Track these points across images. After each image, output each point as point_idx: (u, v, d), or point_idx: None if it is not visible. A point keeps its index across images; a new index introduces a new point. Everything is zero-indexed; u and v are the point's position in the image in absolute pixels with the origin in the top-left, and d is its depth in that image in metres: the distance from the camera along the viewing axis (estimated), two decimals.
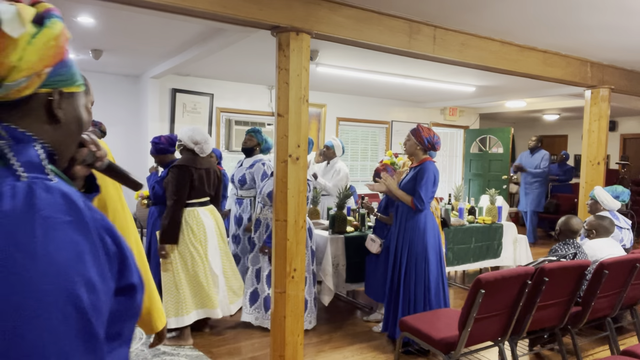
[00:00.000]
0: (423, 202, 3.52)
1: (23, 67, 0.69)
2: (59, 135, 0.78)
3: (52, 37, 0.72)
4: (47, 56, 0.72)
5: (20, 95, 0.71)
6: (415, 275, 3.57)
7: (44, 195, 0.65)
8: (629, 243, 4.21)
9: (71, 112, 0.80)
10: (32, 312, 0.58)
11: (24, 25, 0.69)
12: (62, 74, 0.76)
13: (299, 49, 3.05)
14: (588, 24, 3.71)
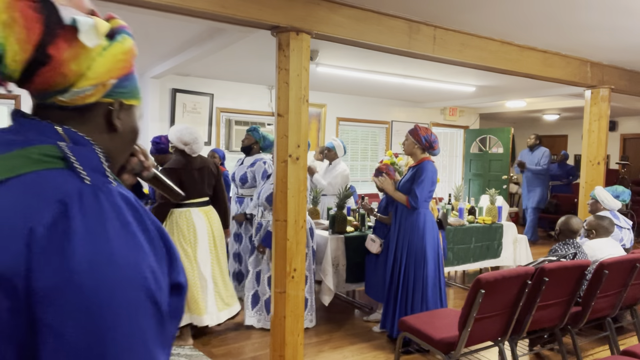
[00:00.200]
0: (417, 200, 3.54)
1: (91, 76, 0.73)
2: (115, 144, 0.81)
3: (121, 51, 0.78)
4: (115, 68, 0.76)
5: (84, 102, 0.75)
6: (414, 274, 3.58)
7: (108, 198, 0.67)
8: (629, 243, 4.21)
9: (128, 122, 0.83)
10: (119, 308, 0.62)
11: (99, 38, 0.74)
12: (125, 87, 0.80)
13: (299, 49, 3.05)
14: (588, 24, 3.71)
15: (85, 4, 0.75)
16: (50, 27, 0.68)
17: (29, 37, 0.67)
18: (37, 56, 0.69)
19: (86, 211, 0.64)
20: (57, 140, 0.71)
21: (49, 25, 0.68)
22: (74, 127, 0.75)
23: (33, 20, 0.67)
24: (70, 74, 0.71)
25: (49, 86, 0.72)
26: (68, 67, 0.71)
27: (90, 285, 0.61)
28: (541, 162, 7.95)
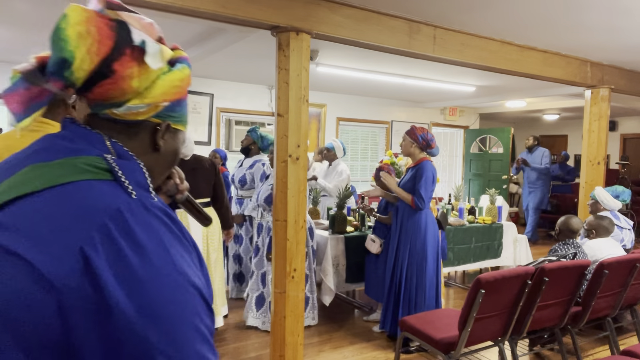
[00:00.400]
0: (424, 201, 3.54)
1: (147, 95, 0.78)
2: (155, 163, 0.85)
3: (179, 78, 0.82)
4: (169, 93, 0.81)
5: (135, 118, 0.79)
6: (415, 274, 3.58)
7: (155, 212, 0.71)
8: (629, 243, 4.21)
9: (171, 145, 0.88)
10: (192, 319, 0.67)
11: (162, 62, 0.80)
12: (175, 111, 0.85)
13: (299, 49, 3.05)
14: (588, 24, 3.71)
15: (156, 31, 0.82)
16: (120, 45, 0.74)
17: (99, 50, 0.72)
18: (102, 69, 0.73)
19: (140, 223, 0.67)
20: (103, 153, 0.74)
21: (119, 43, 0.74)
22: (121, 140, 0.79)
23: (106, 36, 0.73)
24: (129, 90, 0.76)
25: (106, 98, 0.76)
26: (128, 84, 0.76)
27: (157, 294, 0.64)
28: (542, 162, 7.94)
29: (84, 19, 0.72)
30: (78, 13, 0.72)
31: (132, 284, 0.62)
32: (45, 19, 3.99)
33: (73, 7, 0.72)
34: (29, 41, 4.71)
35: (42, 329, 0.60)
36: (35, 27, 4.21)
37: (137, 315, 0.61)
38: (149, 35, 0.79)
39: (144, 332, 0.62)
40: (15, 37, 4.57)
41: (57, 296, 0.60)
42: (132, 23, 0.77)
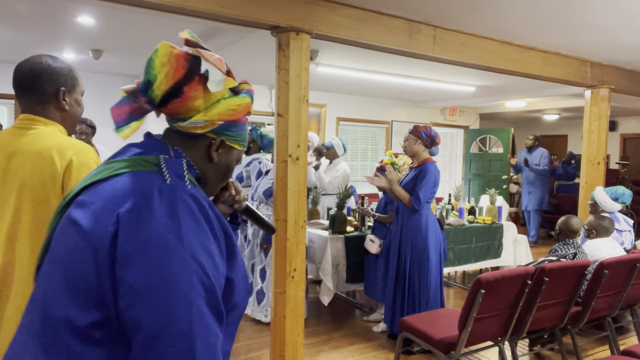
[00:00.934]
0: (420, 202, 3.54)
1: (207, 113, 0.97)
2: (210, 172, 1.05)
3: (236, 104, 1.00)
4: (225, 114, 0.99)
5: (195, 131, 0.98)
6: (418, 274, 3.58)
7: (181, 194, 0.87)
8: (629, 245, 4.20)
9: (224, 159, 1.06)
10: (179, 277, 0.80)
11: (222, 88, 0.98)
12: (230, 131, 1.03)
13: (299, 49, 3.05)
14: (588, 24, 3.71)
15: (224, 65, 1.00)
16: (190, 73, 0.95)
17: (173, 76, 0.94)
18: (174, 90, 0.94)
19: (163, 200, 0.84)
20: (161, 154, 0.96)
21: (191, 71, 0.95)
22: (182, 148, 1.00)
23: (181, 65, 0.94)
24: (192, 108, 0.96)
25: (175, 113, 0.97)
26: (193, 103, 0.96)
27: (159, 252, 0.80)
28: (541, 163, 7.85)
29: (167, 52, 0.94)
30: (164, 48, 0.94)
31: (137, 243, 0.80)
32: (45, 19, 3.99)
33: (162, 43, 0.95)
34: (29, 41, 4.71)
35: (86, 278, 0.81)
36: (35, 27, 4.22)
37: (143, 268, 0.79)
38: (216, 68, 0.98)
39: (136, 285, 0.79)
40: (15, 37, 4.57)
41: (95, 252, 0.81)
42: (204, 57, 0.97)
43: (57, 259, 0.87)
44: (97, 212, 0.84)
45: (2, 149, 1.43)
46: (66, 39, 4.61)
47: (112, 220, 0.82)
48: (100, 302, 0.80)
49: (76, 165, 1.40)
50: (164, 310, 0.78)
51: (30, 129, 1.46)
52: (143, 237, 0.81)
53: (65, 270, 0.84)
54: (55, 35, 4.49)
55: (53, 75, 1.48)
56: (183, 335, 0.78)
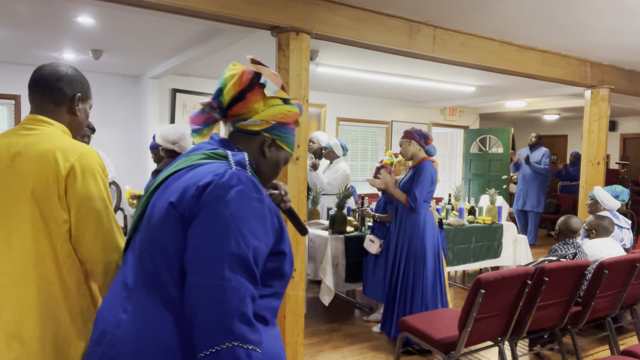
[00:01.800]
0: (416, 201, 3.55)
1: (262, 114, 1.25)
2: (262, 165, 1.29)
3: (286, 110, 1.28)
4: (277, 116, 1.27)
5: (252, 129, 1.26)
6: (413, 274, 3.58)
7: (243, 178, 1.11)
8: (629, 243, 4.21)
9: (275, 157, 1.31)
10: (224, 234, 1.05)
11: (274, 95, 1.26)
12: (281, 132, 1.29)
13: (298, 49, 3.05)
14: (588, 24, 3.71)
15: (279, 80, 1.28)
16: (252, 83, 1.24)
17: (239, 84, 1.24)
18: (239, 95, 1.24)
19: (229, 182, 1.09)
20: (227, 149, 1.24)
21: (253, 82, 1.25)
22: (242, 145, 1.27)
23: (245, 77, 1.24)
24: (252, 109, 1.25)
25: (238, 114, 1.26)
26: (252, 105, 1.25)
27: (214, 215, 1.06)
28: (542, 162, 7.65)
29: (235, 69, 1.25)
30: (234, 65, 1.27)
31: (201, 205, 1.07)
32: (45, 19, 3.99)
33: (233, 63, 1.27)
34: (29, 41, 4.71)
35: (177, 241, 1.08)
36: (35, 27, 4.22)
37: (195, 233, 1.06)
38: (271, 81, 1.27)
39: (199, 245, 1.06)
40: (15, 37, 4.57)
41: (182, 219, 1.08)
42: (263, 72, 1.25)
43: (153, 226, 1.12)
44: (182, 189, 1.10)
45: (7, 148, 1.44)
46: (66, 39, 4.61)
47: (192, 193, 1.08)
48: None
49: (80, 168, 1.41)
50: (205, 257, 1.03)
51: (35, 129, 1.47)
52: (207, 201, 1.06)
53: (161, 238, 1.10)
54: (55, 35, 4.49)
55: (73, 80, 1.55)
56: (216, 276, 1.01)
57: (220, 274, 1.01)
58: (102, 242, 1.41)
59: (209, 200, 1.06)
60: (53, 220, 1.40)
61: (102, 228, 1.42)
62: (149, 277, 1.10)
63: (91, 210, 1.41)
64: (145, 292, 1.10)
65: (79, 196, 1.40)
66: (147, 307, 1.08)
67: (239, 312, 0.99)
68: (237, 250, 1.03)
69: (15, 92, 5.89)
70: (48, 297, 1.40)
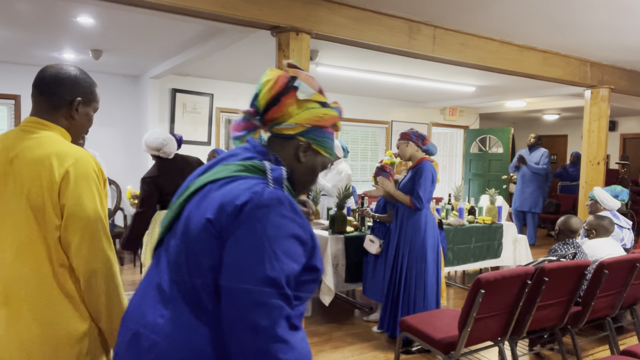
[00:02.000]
0: (421, 201, 3.55)
1: (296, 118, 1.21)
2: (297, 171, 1.25)
3: (322, 113, 1.24)
4: (312, 120, 1.22)
5: (287, 132, 1.22)
6: (415, 274, 3.58)
7: (282, 198, 1.09)
8: (629, 243, 4.21)
9: (310, 161, 1.27)
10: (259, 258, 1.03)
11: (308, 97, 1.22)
12: (316, 135, 1.24)
13: (298, 49, 3.05)
14: (588, 24, 3.71)
15: (315, 83, 1.25)
16: (287, 87, 1.22)
17: (274, 89, 1.23)
18: (274, 99, 1.22)
19: (266, 201, 1.07)
20: (265, 159, 1.20)
21: (287, 86, 1.22)
22: (277, 150, 1.24)
23: (281, 82, 1.22)
24: (286, 113, 1.22)
25: (273, 118, 1.23)
26: (286, 109, 1.22)
27: (250, 236, 1.05)
28: (541, 162, 7.59)
29: (272, 74, 1.25)
30: (270, 70, 1.27)
31: (238, 225, 1.05)
32: (45, 19, 3.99)
33: (270, 69, 1.27)
34: (29, 41, 4.71)
35: (214, 256, 1.07)
36: (35, 27, 4.22)
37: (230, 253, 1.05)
38: (307, 85, 1.23)
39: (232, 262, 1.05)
40: (15, 37, 4.57)
41: (219, 236, 1.06)
42: (299, 76, 1.23)
43: (190, 240, 1.11)
44: (219, 205, 1.08)
45: (5, 151, 1.44)
46: (66, 39, 4.61)
47: (230, 211, 1.06)
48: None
49: (73, 174, 1.40)
50: (239, 279, 1.03)
51: (34, 132, 1.46)
52: (244, 221, 1.05)
53: (198, 253, 1.09)
54: (55, 35, 4.49)
55: (75, 84, 1.52)
56: (250, 298, 1.01)
57: (255, 296, 1.01)
58: (87, 251, 1.39)
59: (246, 220, 1.05)
60: (47, 226, 1.39)
61: (88, 237, 1.39)
62: (185, 287, 1.11)
63: (80, 218, 1.39)
64: (181, 300, 1.10)
65: (70, 202, 1.38)
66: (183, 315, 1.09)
67: (274, 334, 1.00)
68: (271, 272, 1.02)
69: (15, 92, 5.89)
70: (46, 301, 1.39)
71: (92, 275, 1.40)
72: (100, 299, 1.42)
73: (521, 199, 7.71)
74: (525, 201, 7.66)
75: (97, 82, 1.65)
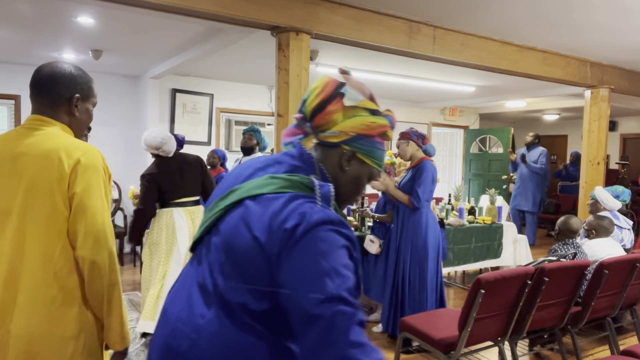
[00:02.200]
0: (419, 200, 3.55)
1: (341, 125, 1.18)
2: (340, 180, 1.21)
3: (370, 121, 1.20)
4: (358, 128, 1.18)
5: (332, 140, 1.19)
6: (417, 274, 3.58)
7: (333, 217, 1.06)
8: (629, 243, 4.21)
9: (354, 171, 1.22)
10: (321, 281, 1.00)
11: (355, 104, 1.19)
12: (361, 144, 1.20)
13: (298, 49, 3.05)
14: (588, 24, 3.71)
15: (366, 90, 1.23)
16: (335, 94, 1.19)
17: (321, 96, 1.19)
18: (320, 106, 1.19)
19: (314, 220, 1.03)
20: (311, 174, 1.16)
21: (334, 93, 1.19)
22: (322, 159, 1.20)
23: (329, 89, 1.20)
24: (331, 120, 1.18)
25: (319, 125, 1.19)
26: (331, 116, 1.18)
27: (310, 259, 1.01)
28: (539, 161, 7.53)
29: (321, 80, 1.23)
30: (321, 77, 1.23)
31: (291, 250, 1.02)
32: (45, 19, 3.99)
33: (321, 76, 1.24)
34: (29, 41, 4.71)
35: (260, 277, 1.05)
36: (35, 27, 4.22)
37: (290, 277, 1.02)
38: (359, 92, 1.21)
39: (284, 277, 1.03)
40: (15, 37, 4.57)
41: (268, 259, 1.04)
42: (348, 81, 1.21)
43: (235, 256, 1.10)
44: (269, 228, 1.05)
45: (9, 149, 1.44)
46: (66, 39, 4.61)
47: (280, 235, 1.03)
48: (270, 293, 1.05)
49: (83, 167, 1.42)
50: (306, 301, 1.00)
51: (38, 129, 1.47)
52: (298, 243, 1.02)
53: (243, 269, 1.08)
54: (55, 35, 4.49)
55: (71, 81, 1.53)
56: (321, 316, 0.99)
57: (326, 314, 0.99)
58: (94, 241, 1.41)
59: (297, 243, 1.03)
60: (55, 219, 1.40)
61: (94, 227, 1.41)
62: (228, 293, 1.10)
63: (88, 207, 1.41)
64: (223, 303, 1.10)
65: (79, 192, 1.40)
66: (224, 319, 1.08)
67: (349, 340, 0.99)
68: (335, 289, 1.00)
69: (15, 92, 5.89)
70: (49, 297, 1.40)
71: (97, 266, 1.41)
72: (103, 290, 1.43)
73: (519, 198, 7.68)
74: (524, 200, 7.62)
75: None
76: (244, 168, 1.23)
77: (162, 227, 3.54)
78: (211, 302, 1.11)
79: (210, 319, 1.09)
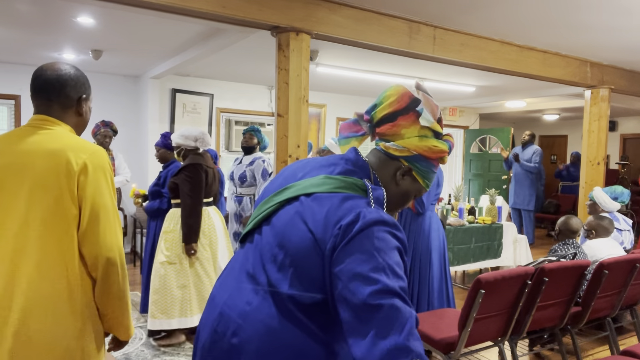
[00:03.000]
0: (423, 205, 3.53)
1: (407, 141, 1.20)
2: (391, 191, 1.24)
3: (433, 144, 1.21)
4: (421, 148, 1.20)
5: (392, 152, 1.21)
6: (419, 277, 3.57)
7: (387, 218, 1.09)
8: (629, 244, 4.20)
9: (405, 186, 1.25)
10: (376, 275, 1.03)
11: (427, 125, 1.20)
12: (420, 164, 1.23)
13: (298, 49, 3.05)
14: (588, 24, 3.71)
15: (437, 112, 1.22)
16: (408, 108, 1.20)
17: (393, 106, 1.20)
18: (391, 116, 1.21)
19: (368, 221, 1.06)
20: (365, 177, 1.19)
21: (409, 107, 1.20)
22: (377, 166, 1.23)
23: (403, 101, 1.20)
24: (398, 134, 1.20)
25: (384, 134, 1.22)
26: (400, 130, 1.20)
27: (369, 244, 1.04)
28: (532, 160, 7.51)
29: (396, 89, 1.22)
30: (396, 86, 1.23)
31: (347, 244, 1.04)
32: (45, 19, 3.99)
33: (396, 84, 1.24)
34: (29, 41, 4.71)
35: (312, 270, 1.08)
36: (35, 27, 4.22)
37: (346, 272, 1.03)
38: (430, 112, 1.21)
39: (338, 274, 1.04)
40: (15, 37, 4.57)
41: (322, 254, 1.07)
42: (424, 100, 1.21)
43: (288, 249, 1.12)
44: (324, 224, 1.09)
45: (15, 146, 1.45)
46: (66, 39, 4.61)
47: (335, 232, 1.06)
48: (321, 287, 1.08)
49: (92, 165, 1.44)
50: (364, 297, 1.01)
51: (44, 128, 1.49)
52: (353, 239, 1.05)
53: (295, 261, 1.11)
54: (55, 35, 4.49)
55: (77, 82, 1.55)
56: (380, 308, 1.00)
57: (385, 304, 1.00)
58: (107, 239, 1.44)
59: (353, 239, 1.05)
60: (62, 217, 1.41)
61: (108, 225, 1.45)
62: (278, 284, 1.12)
63: (102, 207, 1.44)
64: (272, 293, 1.12)
65: (92, 192, 1.43)
66: (272, 307, 1.11)
67: (408, 330, 1.00)
68: (391, 283, 1.02)
69: (15, 92, 5.89)
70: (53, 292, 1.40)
71: (111, 264, 1.44)
72: (115, 286, 1.46)
73: (514, 197, 7.71)
74: (518, 199, 7.64)
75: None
76: (299, 167, 1.26)
77: (203, 229, 3.46)
78: (259, 291, 1.13)
79: (257, 306, 1.12)
